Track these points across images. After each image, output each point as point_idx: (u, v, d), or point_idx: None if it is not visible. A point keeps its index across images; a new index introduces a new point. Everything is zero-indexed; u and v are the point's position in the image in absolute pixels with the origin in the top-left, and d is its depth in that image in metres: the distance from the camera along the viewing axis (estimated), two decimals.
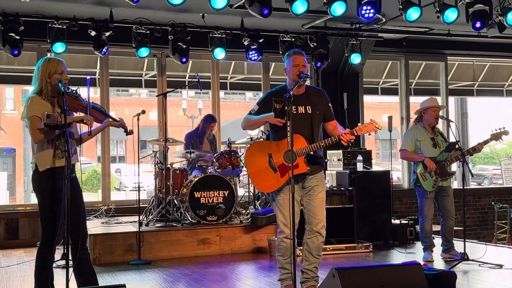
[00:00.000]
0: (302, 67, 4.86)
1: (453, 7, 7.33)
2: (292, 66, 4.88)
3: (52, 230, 4.41)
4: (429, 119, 6.76)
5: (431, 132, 6.81)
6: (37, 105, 4.37)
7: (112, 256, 7.10)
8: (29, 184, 18.46)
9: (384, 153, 31.85)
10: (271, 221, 7.70)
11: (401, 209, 10.52)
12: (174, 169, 7.95)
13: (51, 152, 4.39)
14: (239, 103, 30.97)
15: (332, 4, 6.97)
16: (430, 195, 6.69)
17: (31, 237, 8.60)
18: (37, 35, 8.49)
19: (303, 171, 4.77)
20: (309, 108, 4.87)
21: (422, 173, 6.70)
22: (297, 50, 5.01)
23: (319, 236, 4.86)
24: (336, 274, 4.09)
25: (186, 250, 7.43)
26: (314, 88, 5.10)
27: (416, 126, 6.88)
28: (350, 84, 10.43)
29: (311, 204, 4.87)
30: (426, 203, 6.73)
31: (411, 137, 6.82)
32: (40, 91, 4.44)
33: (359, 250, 7.52)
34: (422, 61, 11.54)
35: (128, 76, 10.51)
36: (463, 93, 13.09)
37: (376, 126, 4.68)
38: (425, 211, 6.74)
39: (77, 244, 4.44)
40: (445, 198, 6.77)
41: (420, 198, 6.77)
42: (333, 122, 5.00)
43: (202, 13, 8.50)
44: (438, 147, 6.74)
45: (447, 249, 6.87)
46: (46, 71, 4.43)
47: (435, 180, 6.64)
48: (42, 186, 4.42)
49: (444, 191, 6.76)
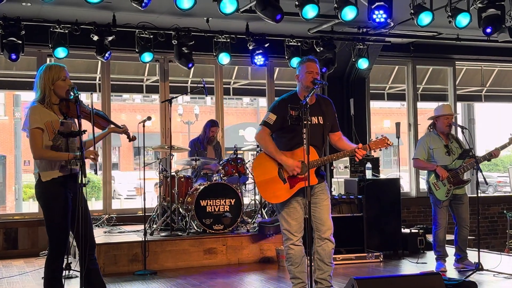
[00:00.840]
0: (316, 74, 4.93)
1: (465, 12, 7.42)
2: (305, 72, 4.94)
3: (60, 241, 4.45)
4: (441, 126, 6.84)
5: (445, 139, 6.88)
6: (39, 115, 4.39)
7: (116, 266, 7.15)
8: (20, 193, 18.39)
9: (385, 160, 31.91)
10: (279, 230, 7.72)
11: (409, 217, 10.60)
12: (179, 177, 8.01)
13: (55, 162, 4.41)
14: (236, 108, 31.06)
15: (343, 9, 7.06)
16: (443, 203, 6.77)
17: (30, 247, 8.64)
18: (37, 39, 8.56)
19: (313, 183, 4.84)
20: (321, 119, 4.96)
21: (434, 182, 6.77)
22: (311, 57, 5.09)
23: (329, 242, 4.93)
24: (355, 285, 4.15)
25: (192, 260, 7.49)
26: (323, 98, 5.17)
27: (429, 133, 6.96)
28: (357, 89, 10.52)
29: (318, 212, 4.93)
30: (440, 212, 6.80)
31: (423, 145, 6.90)
32: (43, 99, 4.46)
33: (369, 260, 7.59)
34: (429, 66, 11.65)
35: (129, 81, 10.59)
36: (471, 99, 13.20)
37: (387, 142, 4.83)
38: (439, 219, 6.81)
39: (85, 254, 4.48)
40: (460, 206, 6.85)
41: (434, 206, 6.85)
42: (338, 133, 5.11)
43: (206, 17, 8.58)
44: (452, 154, 6.80)
45: (461, 259, 6.94)
46: (49, 78, 4.45)
47: (448, 189, 6.71)
48: (46, 196, 4.45)
49: (459, 199, 6.84)
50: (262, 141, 4.96)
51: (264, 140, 4.93)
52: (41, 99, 4.47)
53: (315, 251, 4.96)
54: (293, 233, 4.91)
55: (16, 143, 21.37)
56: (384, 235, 8.15)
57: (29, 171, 25.67)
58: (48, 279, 4.49)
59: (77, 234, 4.18)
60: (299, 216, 4.92)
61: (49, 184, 4.42)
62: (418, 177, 11.12)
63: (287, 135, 4.94)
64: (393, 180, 8.80)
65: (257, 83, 11.16)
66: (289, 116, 4.76)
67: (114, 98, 30.14)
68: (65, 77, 4.50)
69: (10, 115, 23.35)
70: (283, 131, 4.94)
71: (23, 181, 21.97)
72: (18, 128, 21.17)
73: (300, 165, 4.77)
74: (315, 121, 4.93)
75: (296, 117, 4.74)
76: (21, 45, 8.04)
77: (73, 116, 4.51)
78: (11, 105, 23.60)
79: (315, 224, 4.95)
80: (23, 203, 20.33)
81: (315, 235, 4.96)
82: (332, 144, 5.14)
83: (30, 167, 26.26)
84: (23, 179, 22.25)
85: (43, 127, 4.37)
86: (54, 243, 4.46)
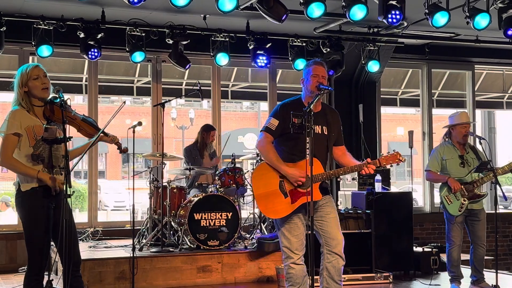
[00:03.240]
0: (322, 78, 5.00)
1: (484, 12, 7.50)
2: (311, 76, 5.00)
3: (39, 255, 4.50)
4: (457, 135, 6.90)
5: (461, 149, 6.93)
6: (18, 119, 4.45)
7: (102, 284, 7.19)
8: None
9: (398, 171, 31.96)
10: (279, 247, 7.81)
11: (422, 235, 10.65)
12: (171, 188, 8.08)
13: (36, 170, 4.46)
14: (235, 113, 31.14)
15: (352, 7, 7.14)
16: (457, 219, 6.81)
17: (8, 262, 8.69)
18: (19, 36, 8.63)
19: (317, 199, 4.88)
20: (325, 129, 5.03)
21: (446, 195, 6.82)
22: (318, 60, 5.16)
23: (339, 259, 4.94)
24: None
25: (184, 279, 7.54)
26: (330, 108, 5.26)
27: (443, 143, 7.02)
28: (367, 94, 10.60)
29: (325, 225, 4.98)
30: (453, 228, 6.85)
31: (436, 156, 6.96)
32: (20, 103, 4.54)
33: (378, 281, 7.64)
34: (446, 70, 11.74)
35: (118, 82, 10.67)
36: (491, 106, 13.29)
37: (399, 158, 4.89)
38: (452, 237, 6.86)
39: (69, 270, 4.49)
40: (475, 223, 6.89)
41: (447, 222, 6.90)
42: (342, 147, 5.18)
43: (203, 14, 8.66)
44: (467, 165, 6.85)
45: (477, 281, 6.99)
46: (23, 79, 4.52)
47: (462, 203, 6.75)
48: (26, 206, 4.51)
49: (475, 215, 6.88)
50: (263, 149, 5.03)
51: (265, 148, 5.00)
52: (19, 103, 4.54)
53: (324, 268, 4.99)
54: (293, 251, 4.96)
55: None
56: (394, 253, 8.20)
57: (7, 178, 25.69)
58: None
59: (61, 248, 4.23)
60: (300, 233, 4.97)
61: (29, 194, 4.47)
62: (433, 190, 11.17)
63: (288, 143, 5.00)
64: (405, 193, 8.87)
65: (258, 86, 11.24)
66: (291, 124, 4.82)
67: (101, 100, 30.19)
68: (37, 75, 4.53)
69: None
70: (285, 139, 5.01)
71: (1, 190, 22.00)
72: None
73: (304, 174, 4.79)
74: (319, 131, 5.00)
75: (299, 125, 4.79)
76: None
77: (57, 121, 4.54)
78: None
79: (323, 238, 4.99)
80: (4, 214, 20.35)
81: (324, 250, 4.99)
82: (335, 159, 5.21)
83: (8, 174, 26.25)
84: (1, 188, 22.28)
85: (21, 133, 4.43)
86: (33, 258, 4.52)
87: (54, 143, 4.39)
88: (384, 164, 4.89)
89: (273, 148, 5.01)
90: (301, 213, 4.96)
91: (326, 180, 4.97)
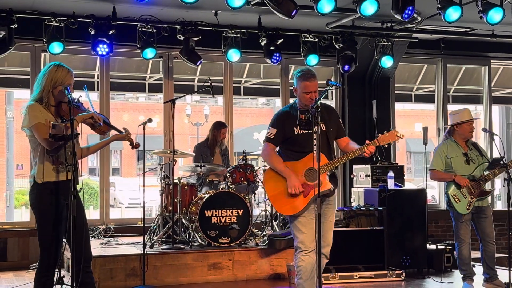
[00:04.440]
0: (314, 94, 5.17)
1: (498, 7, 7.49)
2: (302, 93, 5.19)
3: (52, 251, 4.59)
4: (464, 133, 6.90)
5: (464, 147, 6.95)
6: (39, 112, 4.56)
7: (112, 281, 7.29)
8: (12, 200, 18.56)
9: (416, 167, 31.87)
10: (290, 244, 7.86)
11: (437, 232, 10.64)
12: (182, 185, 8.15)
13: (51, 165, 4.56)
14: (251, 109, 31.21)
15: (363, 2, 7.17)
16: (465, 217, 6.82)
17: (20, 259, 8.82)
18: (31, 33, 8.75)
19: (327, 188, 5.10)
20: (322, 125, 5.18)
21: (454, 194, 6.82)
22: (309, 74, 5.22)
23: (324, 258, 5.24)
24: None
25: (195, 276, 7.62)
26: (325, 105, 5.39)
27: (446, 141, 7.01)
28: (380, 90, 10.61)
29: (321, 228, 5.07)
30: (462, 227, 6.85)
31: (440, 154, 6.95)
32: (41, 99, 4.63)
33: (390, 279, 7.67)
34: (462, 65, 11.72)
35: (130, 79, 10.76)
36: (508, 101, 13.23)
37: (397, 135, 5.07)
38: (461, 235, 6.87)
39: (80, 266, 4.58)
40: (483, 220, 6.90)
41: (455, 221, 6.91)
42: (345, 139, 5.40)
43: (215, 10, 8.72)
44: (472, 162, 6.86)
45: (489, 278, 6.99)
46: (52, 80, 4.62)
47: (470, 201, 6.76)
48: (41, 202, 4.59)
49: (482, 212, 6.88)
50: (266, 157, 5.34)
51: (269, 156, 5.29)
52: (39, 99, 4.63)
53: None
54: (305, 244, 5.14)
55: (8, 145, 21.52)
56: (407, 251, 8.22)
57: (22, 175, 25.93)
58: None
59: (71, 244, 4.32)
60: (312, 227, 5.09)
61: (44, 187, 4.56)
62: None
63: (291, 146, 5.24)
64: (419, 190, 8.89)
65: (270, 82, 11.28)
66: (298, 120, 5.08)
67: (116, 96, 30.43)
68: (69, 83, 4.65)
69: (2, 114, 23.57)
70: (288, 143, 5.25)
71: (16, 187, 22.21)
72: (10, 129, 21.36)
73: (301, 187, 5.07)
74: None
75: (306, 122, 5.05)
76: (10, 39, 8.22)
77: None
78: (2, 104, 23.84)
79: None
80: (15, 211, 20.58)
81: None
82: (342, 150, 5.44)
83: (23, 171, 26.54)
84: (16, 185, 22.48)
85: (45, 123, 4.52)
86: (45, 254, 4.61)
87: (61, 140, 4.46)
88: (384, 143, 5.08)
89: (276, 155, 5.29)
90: (314, 204, 5.06)
91: (332, 169, 5.15)
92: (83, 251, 4.61)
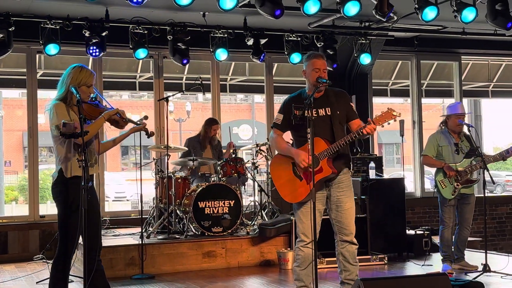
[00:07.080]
0: (323, 72, 5.14)
1: (471, 6, 7.66)
2: (312, 70, 5.13)
3: (70, 241, 4.67)
4: (452, 125, 7.15)
5: (456, 138, 7.18)
6: (64, 110, 4.65)
7: (113, 270, 7.34)
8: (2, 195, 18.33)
9: (388, 158, 32.20)
10: (280, 232, 8.00)
11: (414, 219, 10.85)
12: (176, 178, 8.23)
13: (76, 160, 4.64)
14: (230, 105, 31.26)
15: (346, 3, 7.29)
16: (450, 202, 7.06)
17: (21, 252, 8.84)
18: (27, 35, 8.75)
19: (327, 174, 5.04)
20: (328, 110, 5.14)
21: (441, 180, 7.06)
22: (318, 53, 5.31)
23: (352, 244, 5.18)
24: (361, 285, 4.39)
25: (190, 264, 7.72)
26: (334, 90, 5.31)
27: (440, 130, 7.26)
28: (359, 85, 10.76)
29: (339, 216, 5.15)
30: (446, 211, 7.10)
31: (433, 142, 7.20)
32: (65, 98, 4.72)
33: (374, 263, 7.84)
34: (434, 61, 11.91)
35: (121, 78, 10.78)
36: (477, 95, 13.48)
37: (393, 114, 4.89)
38: (445, 218, 7.10)
39: (93, 254, 4.67)
40: (465, 206, 7.15)
41: (441, 205, 7.16)
42: (356, 121, 5.22)
43: (203, 11, 8.79)
44: (462, 153, 7.09)
45: (457, 259, 7.26)
46: (76, 80, 4.70)
47: (455, 187, 6.99)
48: (66, 194, 4.66)
49: (466, 199, 7.14)
50: (273, 142, 5.34)
51: (275, 140, 5.29)
52: (63, 98, 4.72)
53: (339, 253, 5.22)
54: (306, 234, 5.13)
55: None
56: (389, 237, 8.40)
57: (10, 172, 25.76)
58: (53, 279, 4.74)
59: (84, 235, 4.41)
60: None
61: (71, 181, 4.64)
62: (423, 176, 11.39)
63: (296, 133, 5.23)
64: (397, 180, 9.06)
65: (254, 79, 11.38)
66: (293, 115, 5.03)
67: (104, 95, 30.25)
68: (91, 84, 4.76)
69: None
70: (296, 129, 5.19)
71: (5, 183, 22.07)
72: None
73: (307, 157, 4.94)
74: (322, 113, 5.13)
75: (300, 117, 4.99)
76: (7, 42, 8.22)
77: (92, 119, 4.74)
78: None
79: (337, 227, 5.20)
80: (5, 206, 20.47)
81: (337, 238, 5.22)
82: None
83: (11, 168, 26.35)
84: (5, 181, 22.33)
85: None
86: (64, 243, 4.70)
87: (72, 137, 4.52)
88: (381, 123, 4.90)
89: (282, 139, 5.27)
90: (319, 192, 5.08)
91: (332, 153, 5.02)
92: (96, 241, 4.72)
